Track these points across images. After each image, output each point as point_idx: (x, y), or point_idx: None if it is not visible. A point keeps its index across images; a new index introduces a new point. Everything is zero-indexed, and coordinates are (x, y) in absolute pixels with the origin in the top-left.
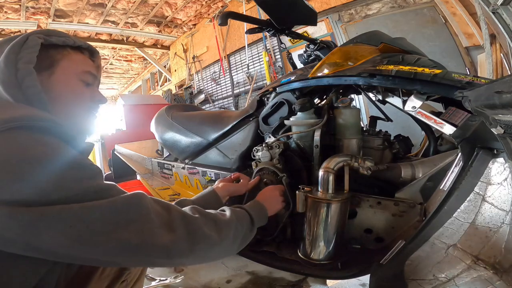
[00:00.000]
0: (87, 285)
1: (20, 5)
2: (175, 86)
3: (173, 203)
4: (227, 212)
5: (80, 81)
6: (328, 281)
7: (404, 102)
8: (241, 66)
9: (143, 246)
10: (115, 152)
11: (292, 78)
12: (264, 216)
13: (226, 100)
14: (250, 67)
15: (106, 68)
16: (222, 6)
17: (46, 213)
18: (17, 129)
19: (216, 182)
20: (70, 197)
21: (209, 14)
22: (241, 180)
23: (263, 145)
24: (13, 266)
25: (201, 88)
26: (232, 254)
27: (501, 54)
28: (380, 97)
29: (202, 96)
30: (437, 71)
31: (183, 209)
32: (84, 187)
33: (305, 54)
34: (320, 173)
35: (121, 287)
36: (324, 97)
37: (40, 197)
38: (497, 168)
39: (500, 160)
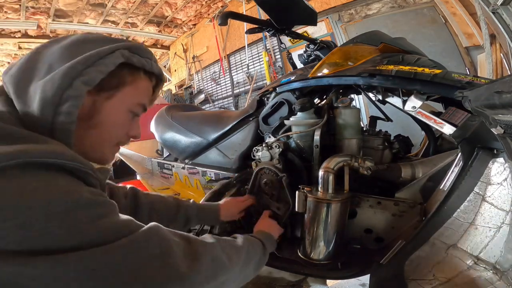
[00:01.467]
0: None
1: (20, 5)
2: (175, 86)
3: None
4: (240, 238)
5: (129, 113)
6: (328, 281)
7: (404, 102)
8: (241, 66)
9: (169, 280)
10: None
11: (292, 78)
12: (273, 241)
13: (226, 100)
14: (250, 67)
15: None
16: (222, 6)
17: (65, 261)
18: (15, 168)
19: (224, 200)
20: (89, 241)
21: (209, 14)
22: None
23: (263, 145)
24: None
25: (201, 88)
26: (250, 279)
27: (501, 54)
28: (380, 97)
29: (202, 96)
30: (437, 71)
31: (200, 237)
32: (101, 228)
33: (305, 54)
34: (320, 173)
35: None
36: (324, 97)
37: (54, 244)
38: (497, 168)
39: (500, 160)
